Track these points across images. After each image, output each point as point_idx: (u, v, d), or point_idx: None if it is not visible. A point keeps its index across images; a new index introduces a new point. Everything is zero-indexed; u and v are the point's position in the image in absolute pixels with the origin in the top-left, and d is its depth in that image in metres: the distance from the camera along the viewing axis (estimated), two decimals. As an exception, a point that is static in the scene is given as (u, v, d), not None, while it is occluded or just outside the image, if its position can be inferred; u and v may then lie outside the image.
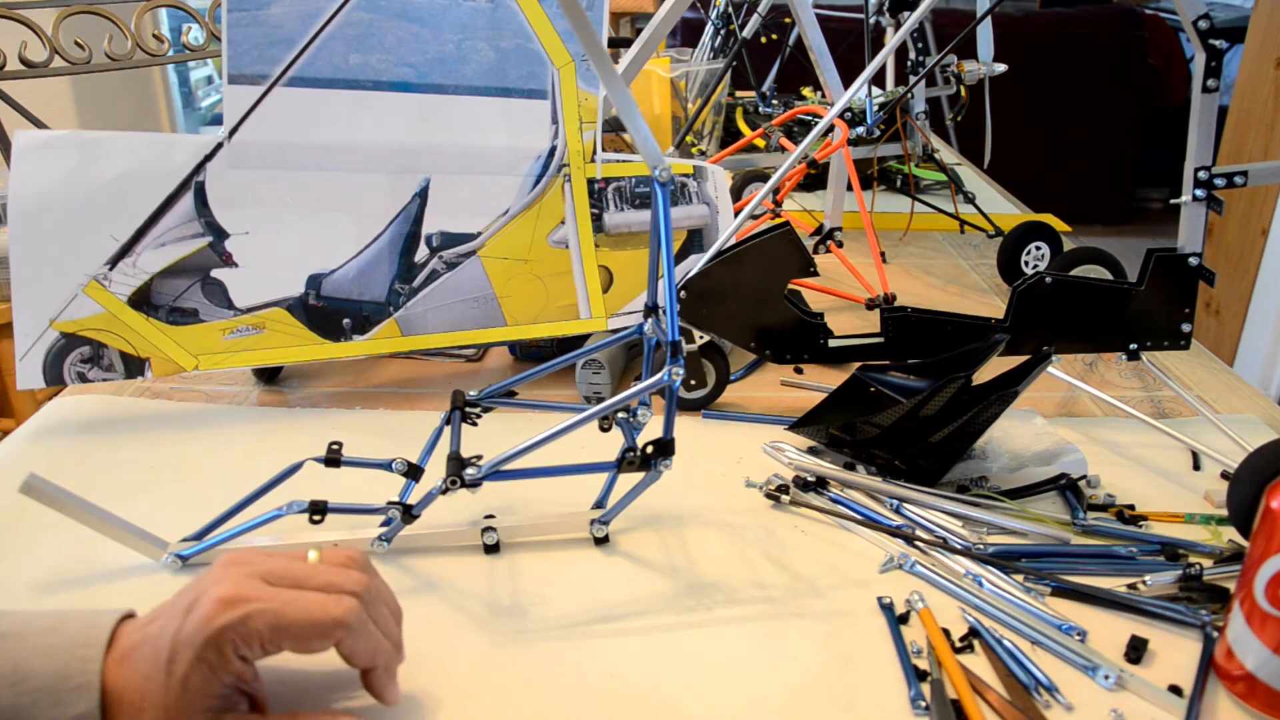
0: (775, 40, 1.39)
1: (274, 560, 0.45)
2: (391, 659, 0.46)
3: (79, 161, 0.70)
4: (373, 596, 0.46)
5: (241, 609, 0.41)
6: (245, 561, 0.44)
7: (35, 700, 0.39)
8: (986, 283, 1.08)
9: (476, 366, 0.86)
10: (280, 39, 0.71)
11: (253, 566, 0.44)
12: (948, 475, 0.66)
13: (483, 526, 0.60)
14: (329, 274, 0.75)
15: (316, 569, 0.45)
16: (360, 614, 0.44)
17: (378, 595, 0.47)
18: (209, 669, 0.41)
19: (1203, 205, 0.70)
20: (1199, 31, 0.66)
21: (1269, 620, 0.46)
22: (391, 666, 0.47)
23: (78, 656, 0.40)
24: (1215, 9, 3.25)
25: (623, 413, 0.59)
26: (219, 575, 0.43)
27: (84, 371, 0.73)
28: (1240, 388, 0.83)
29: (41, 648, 0.40)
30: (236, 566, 0.44)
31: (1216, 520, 0.62)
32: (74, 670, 0.40)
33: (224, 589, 0.42)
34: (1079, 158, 3.51)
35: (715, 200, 0.82)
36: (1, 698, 0.39)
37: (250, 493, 0.57)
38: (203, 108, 3.66)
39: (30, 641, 0.41)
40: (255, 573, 0.43)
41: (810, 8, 0.98)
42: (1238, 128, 2.28)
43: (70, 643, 0.41)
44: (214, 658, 0.41)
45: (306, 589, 0.44)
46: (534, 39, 0.74)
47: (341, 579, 0.45)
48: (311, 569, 0.45)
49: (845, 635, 0.53)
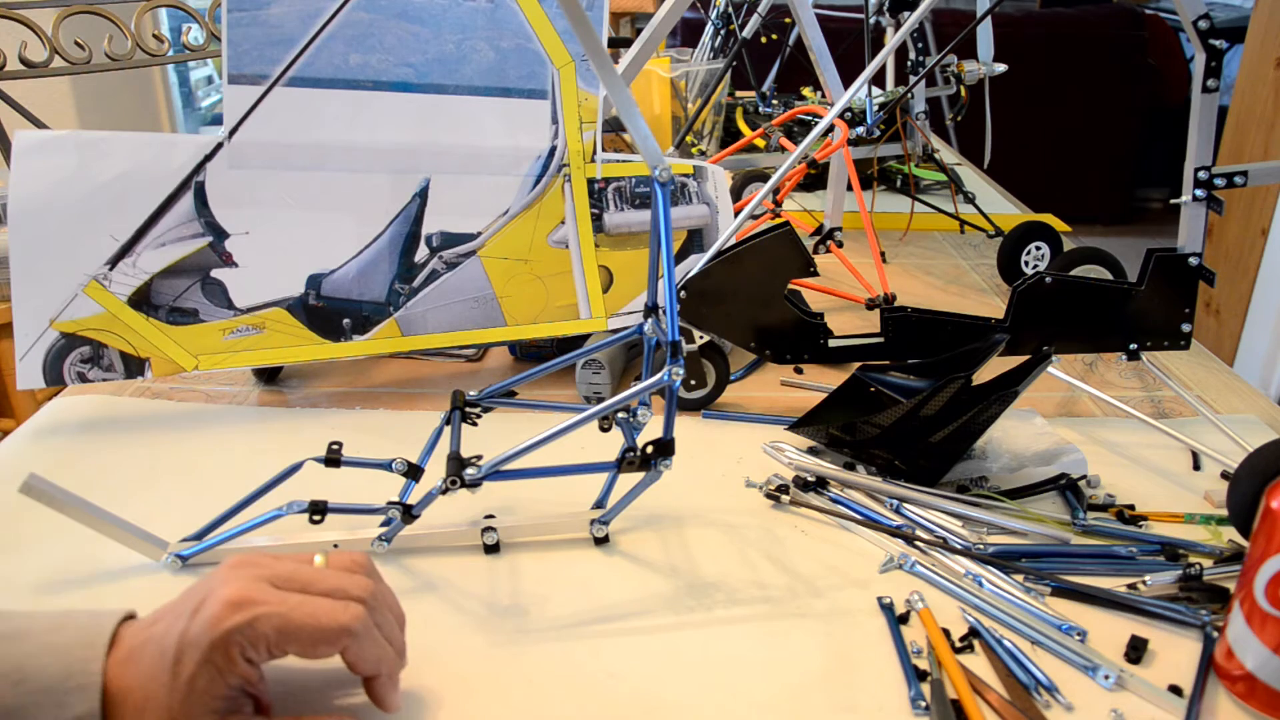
0: (775, 40, 1.39)
1: (281, 563, 0.45)
2: (395, 666, 0.46)
3: (79, 161, 0.70)
4: (378, 602, 0.46)
5: (249, 612, 0.41)
6: (252, 564, 0.44)
7: (37, 700, 0.39)
8: (986, 283, 1.08)
9: (476, 366, 0.86)
10: (280, 39, 0.71)
11: (260, 569, 0.44)
12: (948, 475, 0.66)
13: (483, 526, 0.60)
14: (329, 274, 0.75)
15: (323, 573, 0.45)
16: (366, 621, 0.44)
17: (383, 601, 0.47)
18: (215, 671, 0.41)
19: (1203, 205, 0.70)
20: (1199, 31, 0.66)
21: (1269, 620, 0.46)
22: (394, 673, 0.47)
23: (79, 657, 0.40)
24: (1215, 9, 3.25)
25: (623, 413, 0.59)
26: (226, 577, 0.43)
27: (84, 371, 0.73)
28: (1240, 388, 0.83)
29: (43, 648, 0.40)
30: (244, 569, 0.44)
31: (1216, 520, 0.62)
32: (75, 671, 0.40)
33: (232, 591, 0.42)
34: (1079, 158, 3.52)
35: (715, 200, 0.82)
36: (3, 697, 0.39)
37: (250, 493, 0.57)
38: (203, 108, 3.66)
39: (32, 642, 0.41)
40: (263, 576, 0.43)
41: (810, 8, 0.98)
42: (1238, 128, 2.28)
43: (72, 643, 0.41)
44: (221, 660, 0.41)
45: (313, 593, 0.44)
46: (534, 39, 0.74)
47: (348, 584, 0.45)
48: (318, 573, 0.45)
49: (845, 635, 0.53)
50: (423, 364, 0.86)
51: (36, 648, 0.40)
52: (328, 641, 0.43)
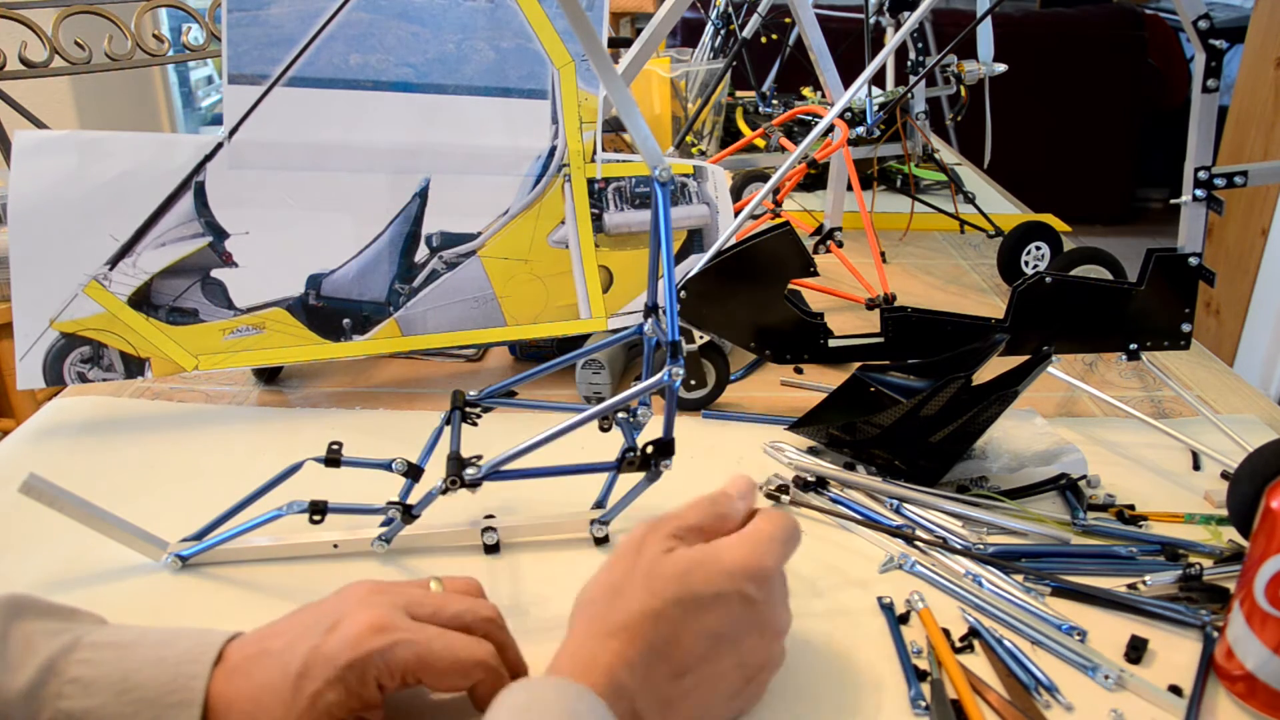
0: (775, 40, 1.39)
1: (410, 590, 0.45)
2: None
3: (79, 161, 0.70)
4: (500, 626, 0.46)
5: (390, 636, 0.41)
6: (385, 590, 0.45)
7: (138, 710, 0.39)
8: (986, 283, 1.08)
9: (476, 366, 0.86)
10: (280, 39, 0.71)
11: (393, 596, 0.44)
12: (948, 475, 0.66)
13: (483, 526, 0.60)
14: (329, 274, 0.75)
15: (450, 599, 0.46)
16: (498, 657, 0.44)
17: (503, 626, 0.47)
18: (345, 691, 0.41)
19: (1203, 205, 0.70)
20: (1199, 31, 0.66)
21: (1269, 620, 0.46)
22: None
23: (185, 672, 0.40)
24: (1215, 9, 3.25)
25: (623, 413, 0.59)
26: (365, 599, 0.43)
27: (84, 371, 0.73)
28: (1240, 388, 0.83)
29: (151, 660, 0.41)
30: (380, 595, 0.44)
31: (1216, 520, 0.62)
32: (179, 685, 0.40)
33: (373, 616, 0.42)
34: (1079, 158, 3.52)
35: (715, 200, 0.82)
36: (107, 704, 0.39)
37: (250, 493, 0.57)
38: (203, 108, 3.66)
39: (141, 654, 0.41)
40: (398, 604, 0.44)
41: (810, 8, 0.98)
42: (1238, 128, 2.29)
43: (179, 657, 0.41)
44: (354, 681, 0.41)
45: (442, 619, 0.44)
46: (534, 39, 0.74)
47: (475, 608, 0.46)
48: (445, 599, 0.46)
49: (845, 635, 0.53)
50: (423, 364, 0.86)
51: (144, 660, 0.41)
52: (463, 674, 0.43)
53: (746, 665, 0.45)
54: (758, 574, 0.44)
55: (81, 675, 0.40)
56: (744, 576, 0.44)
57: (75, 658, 0.40)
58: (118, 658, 0.40)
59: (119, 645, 0.41)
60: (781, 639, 0.47)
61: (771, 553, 0.45)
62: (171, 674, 0.40)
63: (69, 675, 0.40)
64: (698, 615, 0.43)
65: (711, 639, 0.43)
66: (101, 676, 0.40)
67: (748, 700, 0.47)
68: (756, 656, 0.45)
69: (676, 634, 0.42)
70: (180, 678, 0.40)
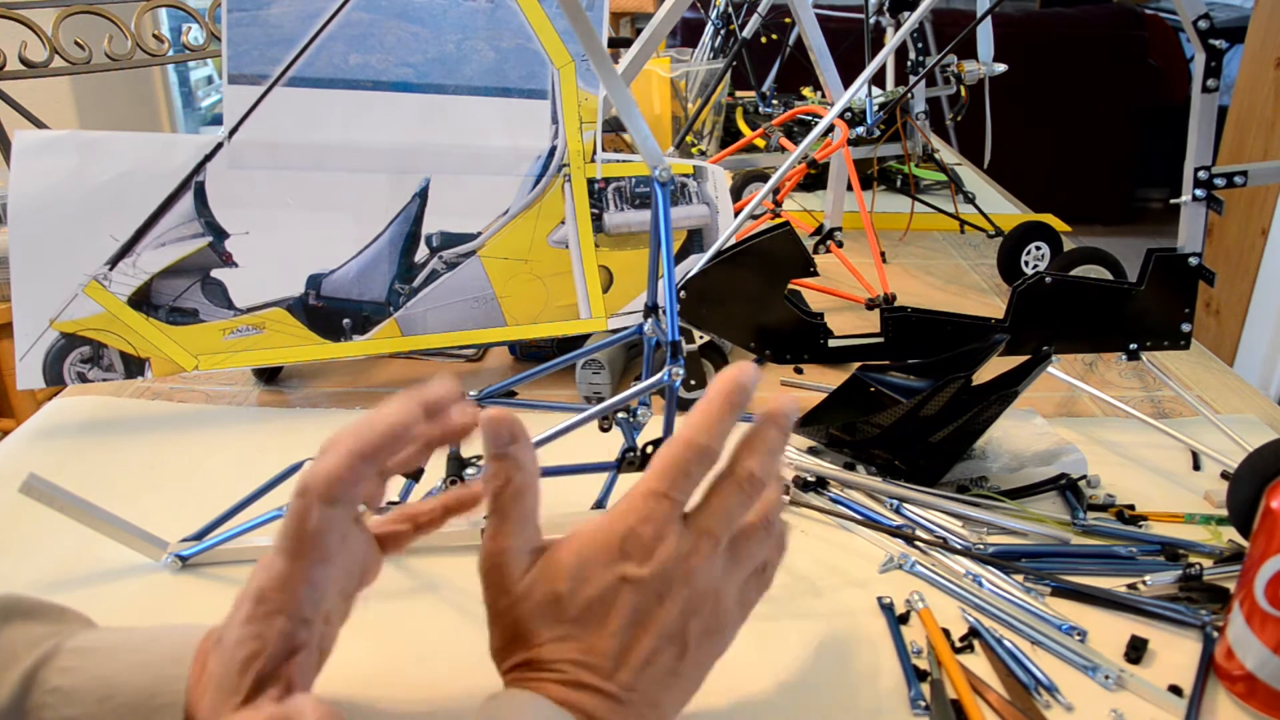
0: (775, 40, 1.39)
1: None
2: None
3: (79, 161, 0.70)
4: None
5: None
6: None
7: (121, 717, 0.39)
8: (986, 283, 1.08)
9: (476, 366, 0.86)
10: (280, 39, 0.71)
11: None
12: (948, 475, 0.66)
13: (483, 526, 0.60)
14: (329, 274, 0.75)
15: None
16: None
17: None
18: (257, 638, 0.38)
19: (1203, 205, 0.70)
20: (1199, 31, 0.66)
21: (1269, 620, 0.46)
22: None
23: (167, 674, 0.40)
24: (1215, 9, 3.24)
25: (623, 413, 0.59)
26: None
27: (84, 371, 0.73)
28: (1240, 388, 0.83)
29: (134, 665, 0.40)
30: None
31: (1216, 520, 0.62)
32: (161, 689, 0.39)
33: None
34: (1079, 158, 3.52)
35: (715, 200, 0.82)
36: (91, 713, 0.39)
37: (250, 493, 0.57)
38: (203, 108, 3.66)
39: (123, 658, 0.40)
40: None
41: (810, 8, 0.98)
42: (1238, 128, 2.28)
43: (161, 659, 0.40)
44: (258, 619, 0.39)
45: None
46: (534, 39, 0.74)
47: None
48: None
49: (845, 635, 0.53)
50: (423, 364, 0.86)
51: (125, 664, 0.40)
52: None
53: (671, 639, 0.40)
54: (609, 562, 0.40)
55: (62, 685, 0.39)
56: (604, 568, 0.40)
57: (56, 665, 0.39)
58: (99, 664, 0.40)
59: (100, 650, 0.40)
60: (702, 592, 0.41)
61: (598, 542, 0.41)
62: (153, 677, 0.40)
63: (50, 685, 0.39)
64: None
65: (615, 636, 0.39)
66: (82, 685, 0.39)
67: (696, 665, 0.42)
68: (678, 627, 0.40)
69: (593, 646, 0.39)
70: (162, 679, 0.39)
